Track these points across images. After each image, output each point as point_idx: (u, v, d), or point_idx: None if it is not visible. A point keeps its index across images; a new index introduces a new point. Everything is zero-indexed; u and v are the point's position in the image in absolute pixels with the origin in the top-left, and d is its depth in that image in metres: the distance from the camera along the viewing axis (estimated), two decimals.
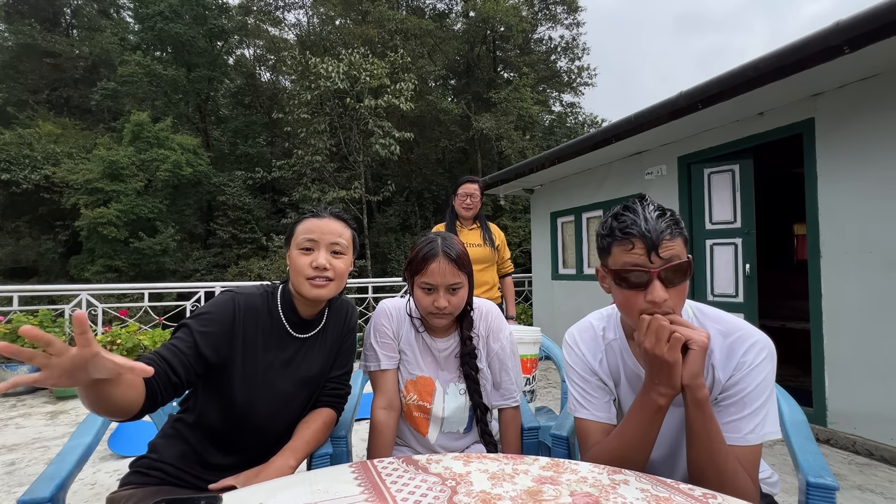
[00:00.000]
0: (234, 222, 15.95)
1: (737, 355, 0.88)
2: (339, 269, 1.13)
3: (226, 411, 1.08)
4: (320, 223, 1.13)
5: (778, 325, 4.60)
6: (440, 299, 1.17)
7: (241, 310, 1.09)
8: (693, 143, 4.04)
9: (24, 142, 14.26)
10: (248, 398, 1.08)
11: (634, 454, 0.89)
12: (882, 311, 2.73)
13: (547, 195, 6.30)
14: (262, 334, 1.11)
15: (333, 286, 1.13)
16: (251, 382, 1.08)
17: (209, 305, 1.09)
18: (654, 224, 0.83)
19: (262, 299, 1.15)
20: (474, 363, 1.26)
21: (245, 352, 1.08)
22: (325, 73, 11.56)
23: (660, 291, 0.82)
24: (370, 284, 6.62)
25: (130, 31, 19.16)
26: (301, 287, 1.11)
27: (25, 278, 14.83)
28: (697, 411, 0.82)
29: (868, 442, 2.72)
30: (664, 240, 0.82)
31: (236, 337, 1.07)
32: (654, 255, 0.82)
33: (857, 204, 2.87)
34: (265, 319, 1.13)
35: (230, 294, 1.12)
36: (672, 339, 0.79)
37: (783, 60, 2.68)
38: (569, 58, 20.79)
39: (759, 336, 0.90)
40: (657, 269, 0.82)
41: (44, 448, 2.94)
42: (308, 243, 1.11)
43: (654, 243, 0.82)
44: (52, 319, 4.58)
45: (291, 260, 1.13)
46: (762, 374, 0.87)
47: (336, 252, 1.14)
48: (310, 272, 1.09)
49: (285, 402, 1.13)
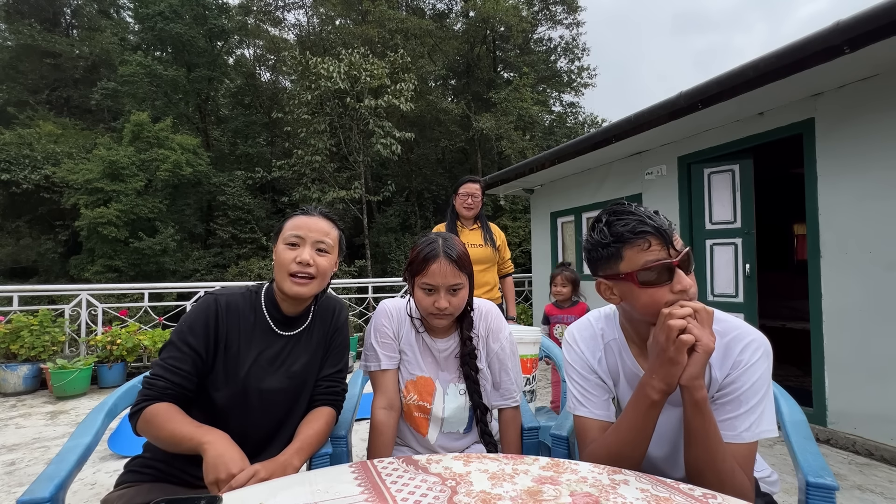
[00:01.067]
0: (234, 222, 15.95)
1: (733, 354, 0.89)
2: (322, 267, 1.14)
3: (212, 409, 1.08)
4: (308, 220, 1.15)
5: (778, 325, 4.60)
6: (441, 300, 1.17)
7: (222, 309, 1.11)
8: (693, 143, 4.04)
9: (24, 142, 14.27)
10: (232, 395, 1.08)
11: (630, 451, 0.89)
12: (882, 311, 2.73)
13: (547, 195, 6.30)
14: (245, 332, 1.13)
15: (315, 284, 1.14)
16: (235, 380, 1.09)
17: (189, 314, 1.11)
18: (659, 220, 0.87)
19: (246, 298, 1.17)
20: (474, 363, 1.26)
21: (228, 350, 1.10)
22: (326, 73, 11.57)
23: (687, 279, 0.85)
24: (370, 284, 6.62)
25: (130, 31, 19.17)
26: (283, 283, 1.12)
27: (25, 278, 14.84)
28: (696, 412, 0.82)
29: (868, 442, 2.72)
30: (673, 232, 0.87)
31: (219, 337, 1.09)
32: (672, 247, 0.85)
33: (857, 204, 2.87)
34: (248, 317, 1.14)
35: (212, 296, 1.14)
36: (679, 340, 0.80)
37: (783, 60, 2.68)
38: (569, 58, 20.82)
39: (756, 335, 0.90)
40: (678, 259, 0.85)
41: (44, 448, 2.94)
42: (294, 239, 1.13)
43: (669, 236, 0.85)
44: (52, 319, 4.59)
45: (277, 255, 1.14)
46: (758, 373, 0.87)
47: (321, 250, 1.15)
48: (293, 267, 1.11)
49: (272, 399, 1.13)
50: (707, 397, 0.83)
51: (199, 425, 1.00)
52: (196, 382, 1.07)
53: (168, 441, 0.98)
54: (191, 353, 1.06)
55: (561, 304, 3.11)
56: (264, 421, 1.13)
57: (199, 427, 0.99)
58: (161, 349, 1.09)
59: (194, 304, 1.14)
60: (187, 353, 1.05)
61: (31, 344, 4.29)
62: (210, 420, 1.05)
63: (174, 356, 1.05)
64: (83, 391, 4.21)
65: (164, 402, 1.02)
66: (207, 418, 1.06)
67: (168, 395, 1.02)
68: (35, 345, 4.30)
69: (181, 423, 0.99)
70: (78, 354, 4.62)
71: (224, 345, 1.10)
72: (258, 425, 1.12)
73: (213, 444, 0.94)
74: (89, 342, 4.72)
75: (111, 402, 1.23)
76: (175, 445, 0.98)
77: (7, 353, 4.29)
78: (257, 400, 1.10)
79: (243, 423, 1.09)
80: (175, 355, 1.05)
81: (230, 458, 0.92)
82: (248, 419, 1.10)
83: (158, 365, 1.05)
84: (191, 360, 1.06)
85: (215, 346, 1.09)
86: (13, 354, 4.28)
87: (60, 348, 4.61)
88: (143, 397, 1.02)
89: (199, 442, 0.95)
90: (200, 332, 1.08)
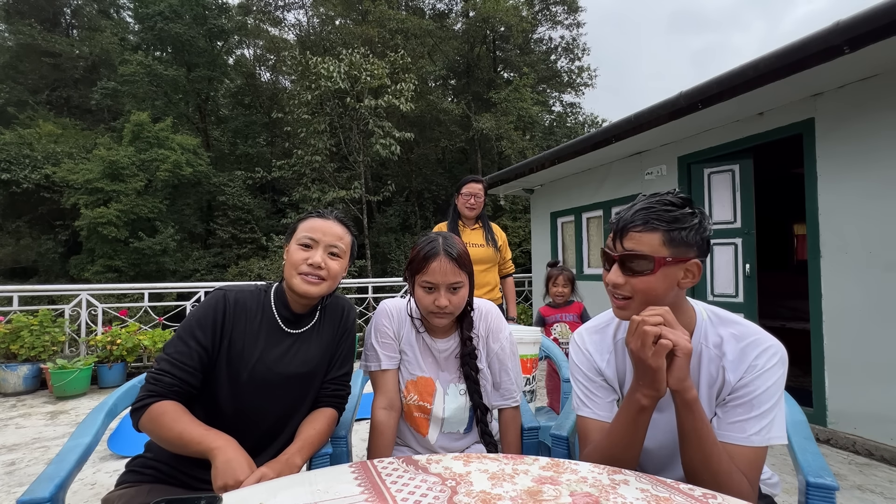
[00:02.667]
0: (234, 222, 15.95)
1: (748, 358, 0.89)
2: (333, 270, 1.15)
3: (214, 406, 1.08)
4: (323, 224, 1.16)
5: (778, 325, 4.60)
6: (441, 298, 1.17)
7: (231, 305, 1.12)
8: (693, 143, 4.03)
9: (24, 142, 14.28)
10: (238, 392, 1.08)
11: (622, 452, 0.90)
12: (882, 311, 2.73)
13: (547, 195, 6.30)
14: (251, 330, 1.12)
15: (325, 286, 1.14)
16: (241, 377, 1.08)
17: (199, 308, 1.11)
18: (630, 214, 0.89)
19: (254, 296, 1.17)
20: (474, 363, 1.26)
21: (232, 347, 1.09)
22: (326, 73, 11.56)
23: (612, 274, 0.90)
24: (370, 284, 6.62)
25: (130, 31, 19.17)
26: (292, 281, 1.12)
27: (25, 278, 14.85)
28: (687, 412, 0.83)
29: (868, 442, 2.72)
30: (631, 230, 0.88)
31: (225, 332, 1.09)
32: (619, 242, 0.89)
33: (857, 204, 2.87)
34: (256, 315, 1.15)
35: (221, 291, 1.14)
36: (658, 345, 0.80)
37: (783, 60, 2.68)
38: (569, 58, 20.81)
39: (773, 342, 0.90)
40: (617, 254, 0.90)
41: (44, 448, 2.94)
42: (308, 241, 1.14)
43: (620, 232, 0.89)
44: (52, 319, 4.58)
45: (289, 254, 1.15)
46: (772, 379, 0.87)
47: (333, 254, 1.16)
48: (304, 268, 1.12)
49: (278, 397, 1.12)
50: (697, 397, 0.83)
51: (208, 429, 0.99)
52: (201, 379, 1.07)
53: (174, 442, 0.97)
54: (197, 348, 1.05)
55: (556, 304, 3.10)
56: (268, 418, 1.12)
57: (207, 431, 0.98)
58: (166, 344, 1.08)
59: (205, 298, 1.14)
60: (193, 349, 1.05)
61: (31, 344, 4.29)
62: (213, 417, 1.05)
63: (181, 351, 1.04)
64: (83, 391, 4.21)
65: (171, 399, 1.01)
66: (210, 416, 1.05)
67: (174, 391, 1.02)
68: (35, 345, 4.30)
69: (190, 426, 0.98)
70: (78, 354, 4.62)
71: (229, 341, 1.09)
72: (262, 422, 1.11)
73: (223, 450, 0.94)
74: (89, 342, 4.72)
75: (111, 402, 1.22)
76: (181, 447, 0.97)
77: (7, 353, 4.29)
78: (261, 397, 1.10)
79: (246, 420, 1.09)
80: (182, 350, 1.05)
81: (238, 465, 0.92)
82: (251, 416, 1.10)
83: (164, 360, 1.04)
84: (197, 356, 1.05)
85: (220, 342, 1.09)
86: (13, 354, 4.28)
87: (60, 348, 4.61)
88: (148, 392, 1.00)
89: (208, 447, 0.94)
90: (208, 326, 1.08)
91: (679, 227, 0.85)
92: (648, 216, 0.86)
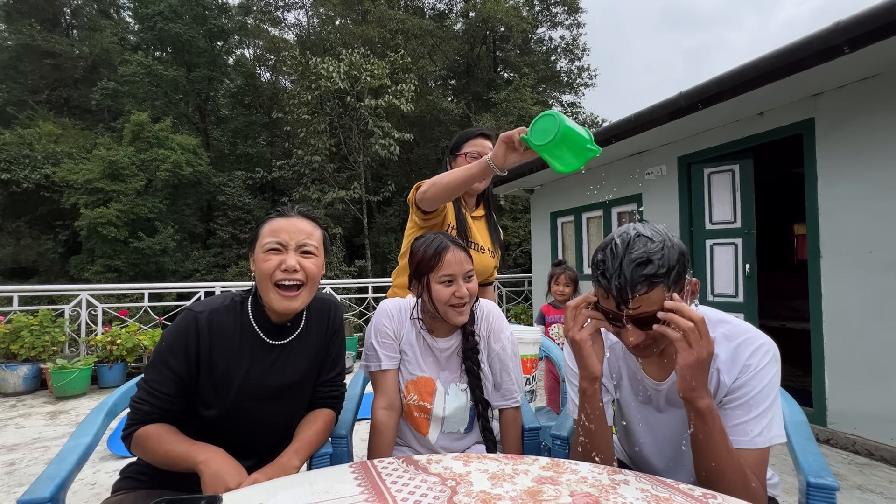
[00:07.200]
0: (233, 222, 15.95)
1: (742, 358, 0.88)
2: (310, 272, 1.05)
3: (204, 426, 1.05)
4: (288, 223, 1.06)
5: (778, 325, 4.60)
6: (461, 288, 1.18)
7: (203, 329, 1.02)
8: (693, 143, 4.03)
9: (24, 142, 14.27)
10: (225, 413, 1.04)
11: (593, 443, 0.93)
12: (882, 312, 2.73)
13: (547, 195, 6.30)
14: (231, 349, 1.05)
15: (305, 293, 1.06)
16: (226, 398, 1.04)
17: (168, 334, 1.03)
18: (628, 278, 0.81)
19: (230, 311, 1.07)
20: (476, 358, 1.26)
21: (213, 371, 1.03)
22: (326, 73, 11.56)
23: (630, 336, 0.86)
24: (370, 284, 6.62)
25: (130, 31, 19.19)
26: (269, 297, 1.04)
27: (25, 278, 14.83)
28: (699, 422, 0.81)
29: (868, 442, 2.72)
30: (637, 294, 0.81)
31: (201, 359, 1.02)
32: (624, 307, 0.83)
33: (857, 204, 2.87)
34: (235, 331, 1.06)
35: (192, 314, 1.04)
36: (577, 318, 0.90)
37: (783, 60, 2.68)
38: (569, 58, 20.80)
39: (765, 339, 0.89)
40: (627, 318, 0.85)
41: (44, 448, 2.94)
42: (275, 245, 1.03)
43: (625, 298, 0.82)
44: (52, 319, 4.59)
45: (257, 265, 1.04)
46: (768, 377, 0.86)
47: (306, 252, 1.06)
48: (279, 275, 1.02)
49: (271, 409, 1.09)
50: (710, 406, 0.80)
51: (193, 443, 0.97)
52: (182, 403, 1.03)
53: (163, 462, 0.97)
54: (171, 376, 1.00)
55: (559, 304, 3.10)
56: (261, 433, 1.10)
57: (192, 445, 0.96)
58: (145, 368, 1.03)
59: (175, 321, 1.05)
60: (168, 376, 1.00)
61: (31, 344, 4.29)
62: (204, 434, 1.02)
63: (156, 379, 1.00)
64: (83, 391, 4.22)
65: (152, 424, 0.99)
66: (201, 434, 1.02)
67: (152, 419, 0.99)
68: (35, 345, 4.30)
69: (174, 444, 0.96)
70: (78, 354, 4.62)
71: (208, 365, 1.02)
72: (255, 437, 1.09)
73: (208, 463, 0.92)
74: (89, 342, 4.72)
75: (111, 402, 1.22)
76: (171, 465, 0.96)
77: (7, 353, 4.29)
78: (252, 414, 1.06)
79: (239, 437, 1.06)
80: (157, 378, 1.00)
81: (227, 473, 0.91)
82: (243, 433, 1.07)
83: (142, 388, 1.01)
84: (173, 384, 1.00)
85: (198, 368, 1.02)
86: (13, 354, 4.28)
87: (60, 348, 4.61)
88: (130, 421, 1.00)
89: (194, 462, 0.93)
90: (181, 355, 1.00)
91: (673, 268, 0.83)
92: (650, 278, 0.81)
